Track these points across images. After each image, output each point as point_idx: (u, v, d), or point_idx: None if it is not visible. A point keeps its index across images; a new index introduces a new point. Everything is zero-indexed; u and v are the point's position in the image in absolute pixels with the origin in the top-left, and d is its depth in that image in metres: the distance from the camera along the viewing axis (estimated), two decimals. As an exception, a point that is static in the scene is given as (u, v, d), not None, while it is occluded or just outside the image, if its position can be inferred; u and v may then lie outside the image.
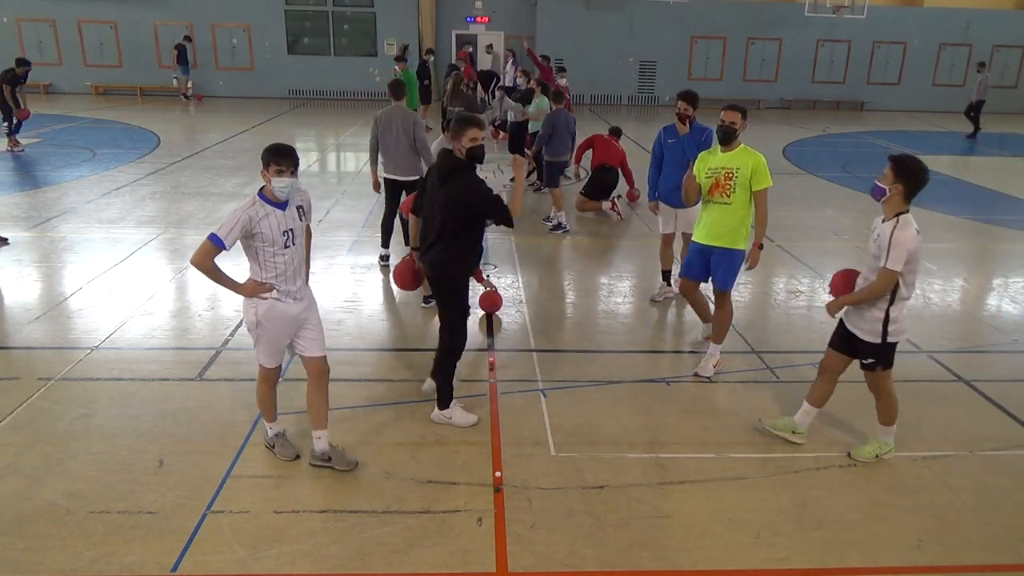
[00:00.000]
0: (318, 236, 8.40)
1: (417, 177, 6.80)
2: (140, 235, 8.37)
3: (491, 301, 6.45)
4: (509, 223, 4.35)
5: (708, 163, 5.17)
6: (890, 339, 3.98)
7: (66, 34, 22.29)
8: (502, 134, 16.36)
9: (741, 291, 7.14)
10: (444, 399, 4.65)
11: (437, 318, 4.79)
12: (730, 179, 5.03)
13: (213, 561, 3.39)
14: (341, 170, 13.55)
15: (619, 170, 10.37)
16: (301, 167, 5.01)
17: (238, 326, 6.02)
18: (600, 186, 10.20)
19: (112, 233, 8.37)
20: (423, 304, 6.61)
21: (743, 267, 5.31)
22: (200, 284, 7.11)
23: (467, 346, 5.93)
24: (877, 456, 4.33)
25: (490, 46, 21.45)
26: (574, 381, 5.30)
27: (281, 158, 3.66)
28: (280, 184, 3.67)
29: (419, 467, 4.17)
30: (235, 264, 3.99)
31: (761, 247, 5.23)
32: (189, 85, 21.55)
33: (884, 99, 24.55)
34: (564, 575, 3.41)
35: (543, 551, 3.53)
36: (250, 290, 3.82)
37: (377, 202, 8.71)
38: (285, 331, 3.94)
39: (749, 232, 5.23)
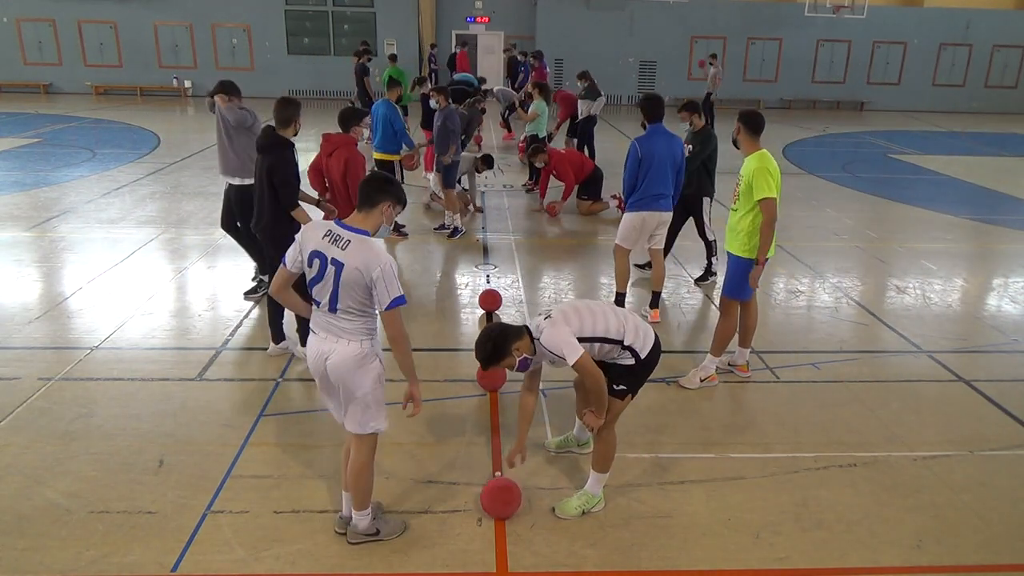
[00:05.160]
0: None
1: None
2: (140, 235, 8.37)
3: (491, 300, 6.45)
4: (288, 207, 5.05)
5: None
6: (641, 354, 3.73)
7: (66, 34, 22.30)
8: (504, 132, 16.43)
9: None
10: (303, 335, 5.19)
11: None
12: (739, 185, 5.03)
13: (213, 561, 3.39)
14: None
15: (597, 169, 10.25)
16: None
17: (238, 326, 6.03)
18: (592, 187, 10.12)
19: (112, 233, 8.37)
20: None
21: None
22: (199, 284, 7.12)
23: (467, 346, 5.98)
24: (584, 512, 3.77)
25: (515, 48, 21.23)
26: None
27: None
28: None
29: (419, 467, 4.17)
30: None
31: (763, 263, 4.89)
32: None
33: (884, 99, 24.56)
34: (564, 575, 3.41)
35: (543, 551, 3.53)
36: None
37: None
38: None
39: (754, 244, 4.98)
